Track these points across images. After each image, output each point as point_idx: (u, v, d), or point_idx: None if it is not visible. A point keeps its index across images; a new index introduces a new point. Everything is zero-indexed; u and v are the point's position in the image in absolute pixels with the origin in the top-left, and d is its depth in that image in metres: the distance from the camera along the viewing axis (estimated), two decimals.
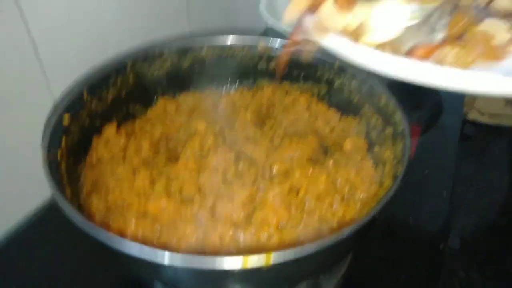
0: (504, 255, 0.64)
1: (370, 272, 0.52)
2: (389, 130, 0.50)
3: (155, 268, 0.34)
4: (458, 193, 0.71)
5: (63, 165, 0.44)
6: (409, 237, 0.57)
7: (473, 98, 0.92)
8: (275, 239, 0.42)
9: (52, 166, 0.41)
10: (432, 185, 0.65)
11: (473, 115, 0.90)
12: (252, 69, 0.64)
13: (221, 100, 0.62)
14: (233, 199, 0.45)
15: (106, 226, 0.42)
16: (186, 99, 0.62)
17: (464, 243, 0.64)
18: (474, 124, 0.88)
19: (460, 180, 0.73)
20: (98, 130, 0.53)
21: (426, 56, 0.31)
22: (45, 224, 0.56)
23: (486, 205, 0.73)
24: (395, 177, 0.42)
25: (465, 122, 0.85)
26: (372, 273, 0.52)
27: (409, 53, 0.31)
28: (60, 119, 0.47)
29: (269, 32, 1.04)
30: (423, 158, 0.70)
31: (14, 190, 0.56)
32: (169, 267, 0.32)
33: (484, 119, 0.90)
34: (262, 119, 0.59)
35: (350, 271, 0.50)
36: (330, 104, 0.61)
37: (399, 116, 0.47)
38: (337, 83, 0.59)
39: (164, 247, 0.40)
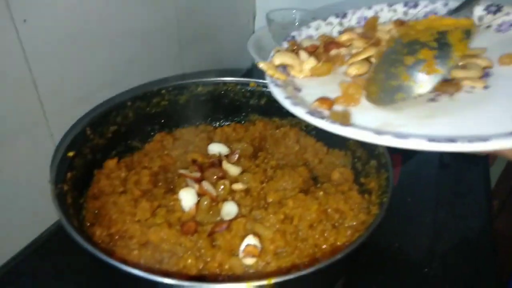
0: (486, 278, 0.67)
1: None
2: (373, 163, 0.54)
3: None
4: (439, 219, 0.76)
5: (69, 199, 0.46)
6: (395, 262, 0.60)
7: None
8: (272, 265, 0.45)
9: (60, 199, 0.43)
10: (415, 212, 0.68)
11: None
12: (244, 105, 0.69)
13: (215, 134, 0.66)
14: (231, 229, 0.48)
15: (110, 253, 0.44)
16: (182, 134, 0.65)
17: (447, 268, 0.68)
18: (451, 153, 0.94)
19: (440, 206, 0.77)
20: (99, 164, 0.56)
21: None
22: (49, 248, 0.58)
23: (465, 230, 0.77)
24: (381, 205, 0.46)
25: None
26: None
27: None
28: (65, 156, 0.49)
29: (254, 69, 1.11)
30: (405, 187, 0.74)
31: (17, 218, 0.57)
32: None
33: None
34: (255, 152, 0.62)
35: None
36: (318, 138, 0.65)
37: (382, 149, 0.52)
38: None
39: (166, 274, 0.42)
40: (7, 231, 0.57)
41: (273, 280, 0.34)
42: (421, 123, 0.36)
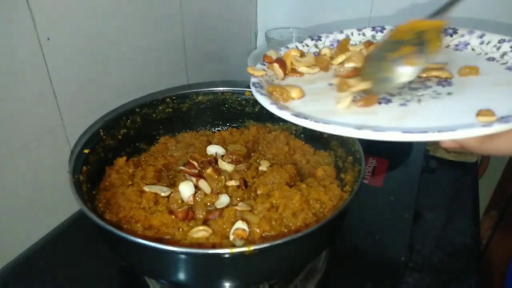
0: (466, 275, 0.72)
1: (341, 280, 0.60)
2: (350, 158, 0.61)
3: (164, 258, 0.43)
4: (426, 220, 0.81)
5: (84, 188, 0.54)
6: (376, 251, 0.66)
7: None
8: None
9: (77, 187, 0.51)
10: (396, 209, 0.74)
11: (439, 153, 1.02)
12: (240, 112, 0.77)
13: (213, 138, 0.73)
14: (223, 216, 0.55)
15: None
16: (184, 137, 0.73)
17: (430, 264, 0.73)
18: (439, 160, 0.99)
19: (427, 208, 0.83)
20: (111, 162, 0.64)
21: None
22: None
23: (450, 231, 0.82)
24: (351, 192, 0.52)
25: (429, 157, 0.96)
26: (342, 282, 0.60)
27: None
28: (81, 152, 0.57)
29: None
30: (389, 188, 0.81)
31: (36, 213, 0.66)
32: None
33: (450, 157, 1.02)
34: (249, 152, 0.70)
35: (324, 279, 0.59)
36: (306, 140, 0.73)
37: (357, 146, 0.59)
38: None
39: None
40: (27, 225, 0.65)
41: (252, 247, 0.41)
42: (394, 122, 0.41)
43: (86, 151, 0.58)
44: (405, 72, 0.45)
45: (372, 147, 0.57)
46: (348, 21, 1.08)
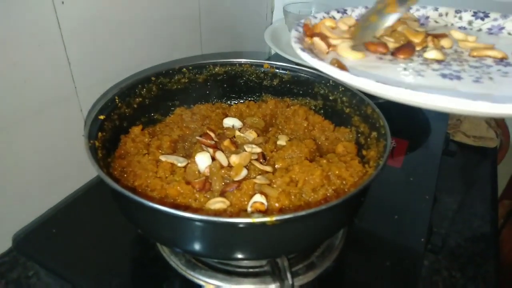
0: (484, 259, 0.71)
1: (358, 259, 0.59)
2: (373, 134, 0.58)
3: (181, 224, 0.42)
4: (443, 203, 0.79)
5: (99, 154, 0.52)
6: (394, 231, 0.64)
7: (459, 121, 1.02)
8: None
9: (92, 152, 0.49)
10: (416, 190, 0.72)
11: (458, 137, 0.99)
12: (257, 85, 0.74)
13: (230, 111, 0.71)
14: (241, 188, 0.53)
15: None
16: (200, 109, 0.71)
17: (448, 247, 0.71)
18: (458, 143, 0.97)
19: (445, 191, 0.81)
20: (126, 131, 0.62)
21: None
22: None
23: (468, 215, 0.80)
24: (376, 167, 0.50)
25: (449, 140, 0.94)
26: (359, 260, 0.59)
27: None
28: (96, 117, 0.55)
29: (273, 57, 1.16)
30: (409, 169, 0.78)
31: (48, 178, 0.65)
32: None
33: (469, 141, 0.99)
34: (266, 127, 0.68)
35: (341, 257, 0.57)
36: (325, 116, 0.70)
37: (382, 122, 0.56)
38: (331, 97, 0.68)
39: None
40: (41, 191, 0.65)
41: (274, 218, 0.39)
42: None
43: (102, 117, 0.56)
44: (388, 19, 0.50)
45: (391, 128, 0.55)
46: None
